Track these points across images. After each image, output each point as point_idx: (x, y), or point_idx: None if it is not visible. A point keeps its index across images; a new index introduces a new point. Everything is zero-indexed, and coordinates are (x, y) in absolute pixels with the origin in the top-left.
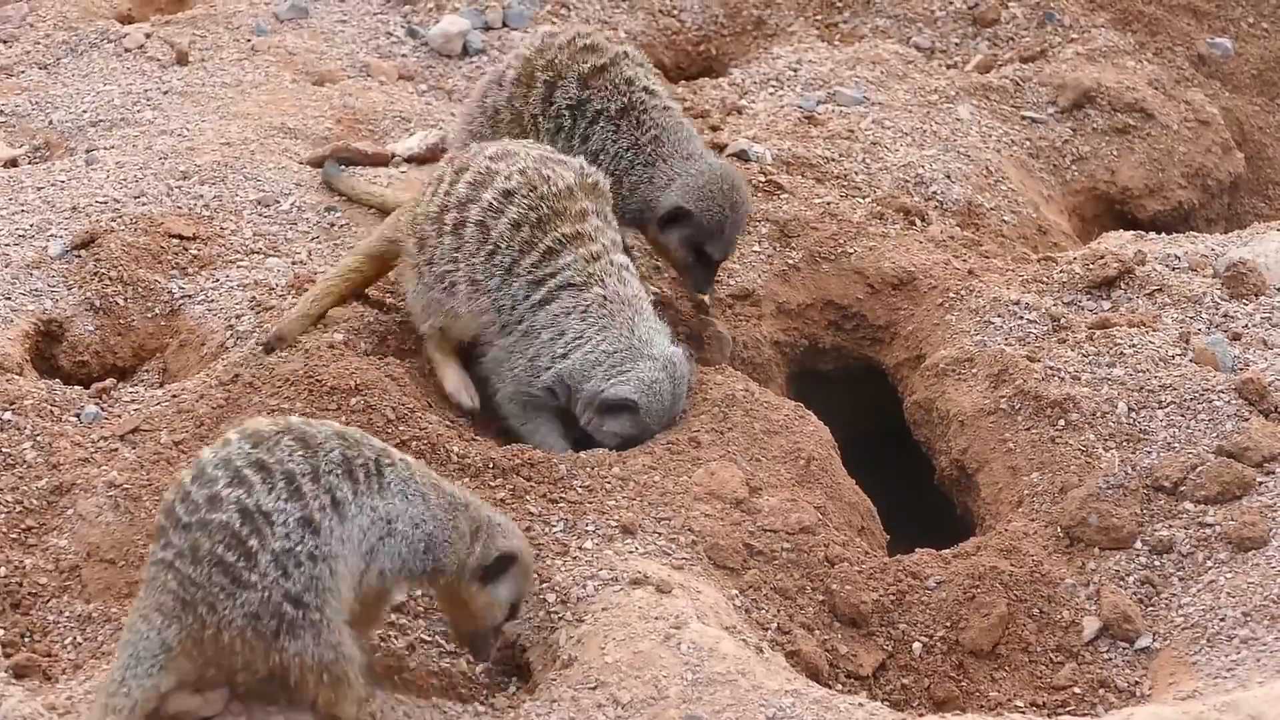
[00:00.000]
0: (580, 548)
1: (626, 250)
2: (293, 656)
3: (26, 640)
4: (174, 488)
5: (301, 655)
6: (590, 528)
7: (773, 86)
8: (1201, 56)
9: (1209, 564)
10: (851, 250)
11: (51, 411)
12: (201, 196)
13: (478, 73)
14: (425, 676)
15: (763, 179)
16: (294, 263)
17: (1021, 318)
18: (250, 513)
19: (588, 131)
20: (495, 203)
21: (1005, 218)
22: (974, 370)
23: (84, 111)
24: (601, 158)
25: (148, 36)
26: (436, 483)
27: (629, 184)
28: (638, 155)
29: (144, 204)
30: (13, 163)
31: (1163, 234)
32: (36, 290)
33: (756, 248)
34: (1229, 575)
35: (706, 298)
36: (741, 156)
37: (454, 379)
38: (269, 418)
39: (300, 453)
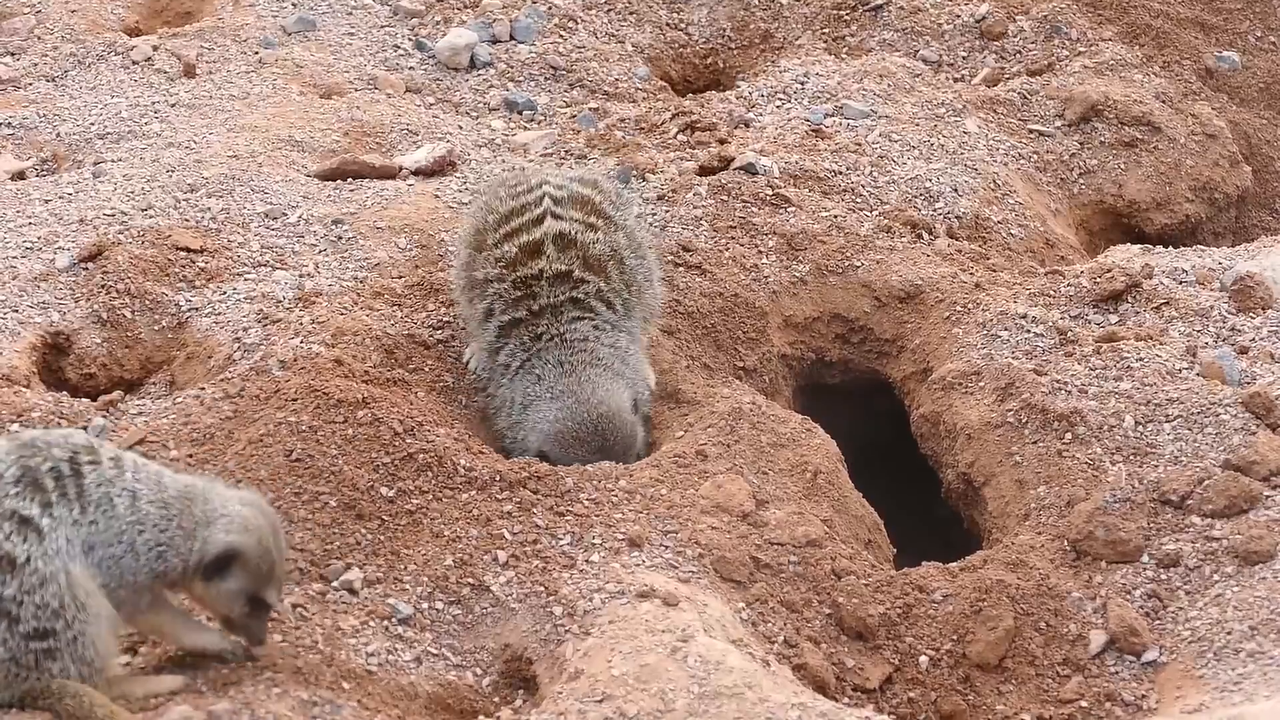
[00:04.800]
0: (587, 560)
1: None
2: (59, 673)
3: None
4: None
5: (66, 672)
6: (597, 540)
7: (780, 99)
8: (1209, 70)
9: (1216, 578)
10: (859, 263)
11: (59, 424)
12: (209, 209)
13: (485, 85)
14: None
15: (770, 192)
16: (301, 275)
17: (1028, 331)
18: None
19: None
20: None
21: (1013, 231)
22: (981, 384)
23: (91, 124)
24: None
25: (155, 49)
26: (154, 476)
27: None
28: None
29: (151, 217)
30: (20, 175)
31: (1170, 247)
32: (44, 303)
33: (764, 261)
34: (1236, 589)
35: None
36: (749, 169)
37: None
38: None
39: None
